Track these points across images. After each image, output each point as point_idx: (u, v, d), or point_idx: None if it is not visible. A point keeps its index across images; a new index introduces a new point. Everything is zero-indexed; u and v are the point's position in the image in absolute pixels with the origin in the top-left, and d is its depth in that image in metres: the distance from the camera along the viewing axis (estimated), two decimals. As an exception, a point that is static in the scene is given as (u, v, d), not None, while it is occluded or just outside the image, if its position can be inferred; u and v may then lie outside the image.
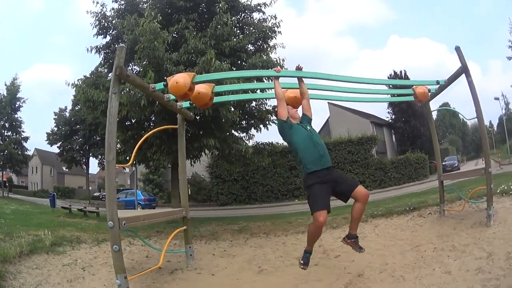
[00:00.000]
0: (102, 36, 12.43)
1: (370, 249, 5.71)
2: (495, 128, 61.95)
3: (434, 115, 46.71)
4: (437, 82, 6.23)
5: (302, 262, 4.03)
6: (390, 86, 8.30)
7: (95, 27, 12.21)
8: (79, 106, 27.97)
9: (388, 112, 39.65)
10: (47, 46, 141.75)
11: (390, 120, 39.52)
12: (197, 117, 9.82)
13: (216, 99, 5.98)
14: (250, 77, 8.60)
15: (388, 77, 37.67)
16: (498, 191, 7.00)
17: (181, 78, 4.57)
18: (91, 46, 12.24)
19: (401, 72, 38.41)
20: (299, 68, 4.66)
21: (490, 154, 5.82)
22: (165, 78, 5.02)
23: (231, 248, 7.01)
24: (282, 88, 4.64)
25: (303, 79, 4.66)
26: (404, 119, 36.39)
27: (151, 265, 4.93)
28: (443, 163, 30.90)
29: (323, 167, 3.96)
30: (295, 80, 4.71)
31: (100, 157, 34.17)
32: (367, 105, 52.92)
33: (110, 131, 4.26)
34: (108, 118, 4.31)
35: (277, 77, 4.52)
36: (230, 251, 6.70)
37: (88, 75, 12.17)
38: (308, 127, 4.20)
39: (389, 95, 6.97)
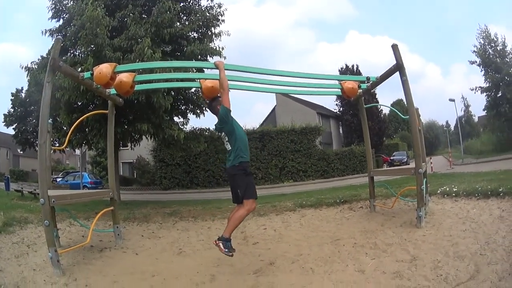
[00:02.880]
0: (56, 19, 12.19)
1: (289, 239, 5.83)
2: (452, 129, 64.51)
3: (387, 110, 47.88)
4: (367, 79, 6.26)
5: (227, 250, 3.98)
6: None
7: (51, 10, 12.00)
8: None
9: (336, 104, 39.58)
10: (12, 24, 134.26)
11: (338, 112, 39.63)
12: (135, 102, 10.11)
13: (145, 86, 7.09)
14: (180, 67, 8.49)
15: (339, 70, 38.03)
16: (439, 191, 6.85)
17: (104, 68, 4.98)
18: (45, 29, 11.94)
19: (353, 66, 38.01)
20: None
21: (420, 154, 5.53)
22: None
23: (159, 230, 7.14)
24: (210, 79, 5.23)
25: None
26: (352, 112, 35.62)
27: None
28: (391, 158, 31.93)
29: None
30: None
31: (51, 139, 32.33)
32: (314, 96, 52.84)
33: (43, 117, 4.61)
34: (41, 105, 4.61)
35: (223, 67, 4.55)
36: (158, 233, 6.85)
37: (45, 56, 11.90)
38: None
39: (320, 88, 6.73)
